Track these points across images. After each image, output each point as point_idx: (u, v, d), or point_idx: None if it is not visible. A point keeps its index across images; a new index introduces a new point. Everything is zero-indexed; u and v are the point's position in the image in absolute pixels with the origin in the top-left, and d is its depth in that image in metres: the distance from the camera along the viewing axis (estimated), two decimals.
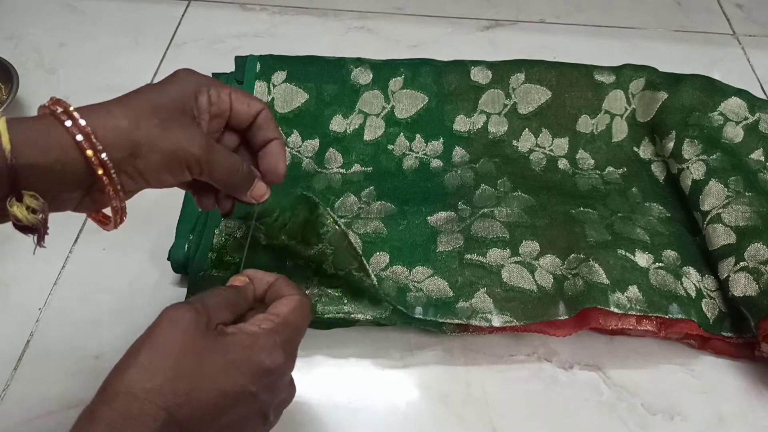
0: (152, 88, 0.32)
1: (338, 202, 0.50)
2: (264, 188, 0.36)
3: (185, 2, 0.71)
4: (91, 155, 0.28)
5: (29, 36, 0.66)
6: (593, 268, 0.44)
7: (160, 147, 0.30)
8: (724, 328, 0.45)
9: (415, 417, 0.42)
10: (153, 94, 0.32)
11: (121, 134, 0.29)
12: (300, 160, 0.53)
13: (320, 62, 0.55)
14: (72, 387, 0.42)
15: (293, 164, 0.53)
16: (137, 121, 0.30)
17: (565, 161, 0.54)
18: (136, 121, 0.30)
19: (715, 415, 0.43)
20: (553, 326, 0.44)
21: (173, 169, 0.31)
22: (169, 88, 0.32)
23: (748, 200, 0.47)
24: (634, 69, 0.56)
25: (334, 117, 0.54)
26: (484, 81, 0.55)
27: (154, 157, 0.30)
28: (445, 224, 0.48)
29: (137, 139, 0.30)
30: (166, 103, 0.31)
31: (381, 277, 0.45)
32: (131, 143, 0.29)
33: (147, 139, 0.30)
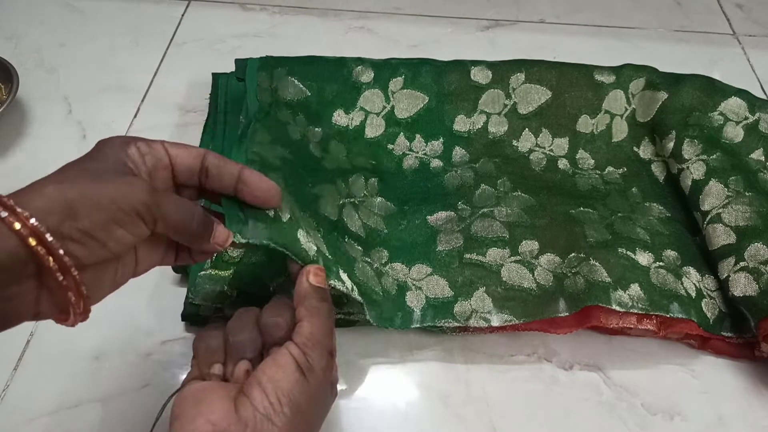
0: (78, 159, 0.29)
1: (351, 178, 0.50)
2: (226, 233, 0.32)
3: (185, 2, 0.71)
4: (19, 228, 0.25)
5: (29, 36, 0.66)
6: (594, 267, 0.44)
7: (98, 201, 0.27)
8: (724, 328, 0.45)
9: (415, 417, 0.42)
10: (80, 163, 0.29)
11: (50, 198, 0.26)
12: (306, 142, 0.51)
13: (321, 62, 0.55)
14: (72, 387, 0.42)
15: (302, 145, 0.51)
16: (66, 182, 0.27)
17: (565, 161, 0.54)
18: (65, 183, 0.27)
19: (715, 415, 0.43)
20: (553, 324, 0.44)
21: (123, 221, 0.28)
22: (96, 154, 0.30)
23: (748, 200, 0.47)
24: (634, 69, 0.56)
25: (337, 111, 0.54)
26: (484, 81, 0.55)
27: (95, 213, 0.27)
28: (444, 224, 0.48)
29: (69, 197, 0.26)
30: (96, 165, 0.29)
31: (381, 272, 0.45)
32: (64, 203, 0.26)
33: (81, 195, 0.26)
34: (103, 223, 0.27)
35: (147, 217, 0.28)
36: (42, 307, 0.27)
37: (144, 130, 0.58)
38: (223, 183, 0.33)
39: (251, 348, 0.34)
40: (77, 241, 0.26)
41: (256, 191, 0.33)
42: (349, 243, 0.45)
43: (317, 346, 0.32)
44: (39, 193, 0.26)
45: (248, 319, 0.35)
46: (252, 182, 0.33)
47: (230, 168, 0.33)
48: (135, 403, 0.41)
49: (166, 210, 0.29)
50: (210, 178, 0.33)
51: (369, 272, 0.44)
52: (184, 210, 0.30)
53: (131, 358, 0.44)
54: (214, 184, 0.33)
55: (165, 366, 0.43)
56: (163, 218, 0.29)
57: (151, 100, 0.60)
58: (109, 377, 0.43)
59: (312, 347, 0.32)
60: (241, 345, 0.34)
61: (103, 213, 0.27)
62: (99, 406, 0.41)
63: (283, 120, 0.51)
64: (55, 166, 0.32)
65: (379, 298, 0.43)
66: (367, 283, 0.43)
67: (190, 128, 0.57)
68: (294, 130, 0.51)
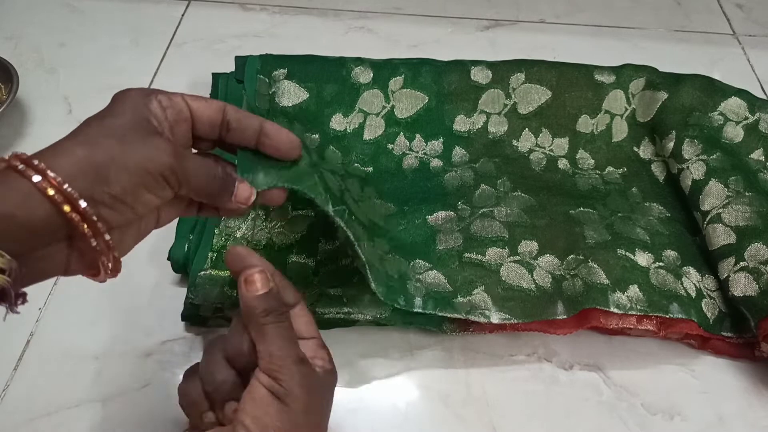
0: (99, 114, 0.29)
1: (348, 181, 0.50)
2: (248, 190, 0.32)
3: (185, 2, 0.71)
4: (53, 193, 0.25)
5: (29, 36, 0.66)
6: (592, 269, 0.44)
7: (126, 165, 0.27)
8: (724, 328, 0.45)
9: (415, 417, 0.42)
10: (103, 119, 0.29)
11: (79, 163, 0.26)
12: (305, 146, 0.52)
13: (320, 61, 0.55)
14: (72, 387, 0.42)
15: None
16: (93, 145, 0.27)
17: (565, 161, 0.54)
18: (92, 146, 0.27)
19: (715, 415, 0.43)
20: (553, 325, 0.44)
21: (150, 185, 0.28)
22: (117, 109, 0.29)
23: (748, 200, 0.47)
24: (634, 69, 0.56)
25: (334, 116, 0.54)
26: (484, 81, 0.55)
27: (124, 176, 0.27)
28: (444, 224, 0.48)
29: (98, 162, 0.26)
30: (120, 123, 0.28)
31: (384, 258, 0.44)
32: (93, 168, 0.26)
33: (109, 160, 0.27)
34: (133, 187, 0.27)
35: (172, 180, 0.29)
36: (72, 265, 0.28)
37: None
38: (245, 136, 0.33)
39: (229, 388, 0.33)
40: (108, 205, 0.27)
41: (278, 143, 0.33)
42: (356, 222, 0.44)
43: (283, 364, 0.31)
44: (69, 156, 0.26)
45: (216, 358, 0.33)
46: (274, 134, 0.33)
47: (252, 121, 0.33)
48: (135, 403, 0.41)
49: (189, 171, 0.30)
50: (231, 132, 0.32)
51: (374, 252, 0.43)
52: (206, 172, 0.31)
53: (131, 358, 0.44)
54: (235, 137, 0.33)
55: (165, 366, 0.43)
56: (187, 180, 0.30)
57: None
58: (109, 377, 0.43)
59: (278, 369, 0.31)
60: (219, 390, 0.33)
61: (133, 178, 0.27)
62: (99, 406, 0.41)
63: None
64: None
65: (384, 276, 0.42)
66: (372, 260, 0.41)
67: None
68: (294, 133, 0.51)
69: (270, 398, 0.30)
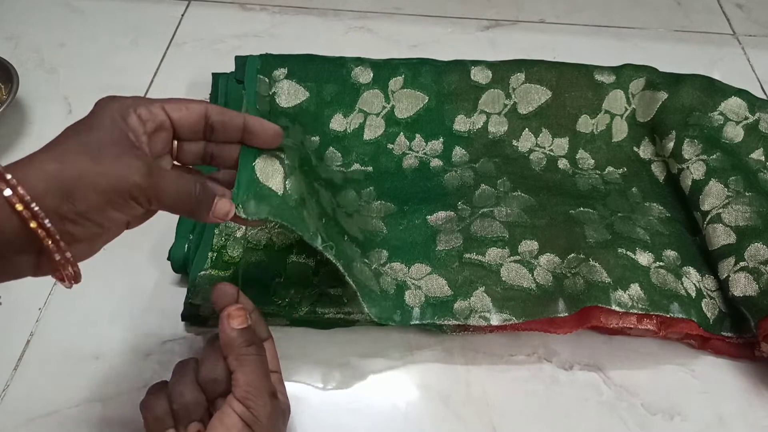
0: (76, 125, 0.30)
1: (340, 194, 0.50)
2: (227, 205, 0.33)
3: (185, 2, 0.71)
4: (21, 209, 0.26)
5: (29, 36, 0.66)
6: (593, 268, 0.44)
7: (95, 183, 0.27)
8: (724, 328, 0.45)
9: (415, 417, 0.42)
10: (79, 132, 0.29)
11: (48, 180, 0.27)
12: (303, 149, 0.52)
13: (320, 61, 0.55)
14: (72, 387, 0.42)
15: None
16: (64, 162, 0.27)
17: (565, 161, 0.54)
18: (65, 164, 0.27)
19: (715, 415, 0.43)
20: (554, 324, 0.44)
21: (117, 205, 0.28)
22: (94, 121, 0.30)
23: (748, 200, 0.47)
24: (634, 69, 0.56)
25: (335, 116, 0.54)
26: (484, 81, 0.55)
27: (91, 195, 0.27)
28: (444, 224, 0.48)
29: (66, 179, 0.27)
30: (96, 137, 0.29)
31: (380, 272, 0.45)
32: (61, 186, 0.27)
33: (78, 177, 0.27)
34: (99, 205, 0.28)
35: (142, 199, 0.29)
36: (41, 269, 0.29)
37: None
38: (229, 135, 0.34)
39: (196, 410, 0.33)
40: (73, 221, 0.27)
41: (263, 137, 0.35)
42: (347, 242, 0.45)
43: (258, 394, 0.32)
44: (40, 172, 0.27)
45: (187, 379, 0.34)
46: (258, 129, 0.34)
47: (235, 120, 0.34)
48: (135, 403, 0.41)
49: (162, 192, 0.30)
50: (215, 132, 0.33)
51: (367, 272, 0.44)
52: (181, 189, 0.31)
53: (131, 358, 0.44)
54: (220, 137, 0.34)
55: (165, 366, 0.43)
56: (159, 199, 0.30)
57: None
58: (109, 377, 0.43)
59: (253, 398, 0.32)
60: (186, 409, 0.33)
61: (100, 197, 0.28)
62: (99, 406, 0.41)
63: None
64: None
65: (378, 297, 0.43)
66: (364, 282, 0.43)
67: None
68: (293, 135, 0.51)
69: (241, 425, 0.31)
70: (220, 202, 0.32)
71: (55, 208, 0.27)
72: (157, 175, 0.30)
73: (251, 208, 0.34)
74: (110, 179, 0.28)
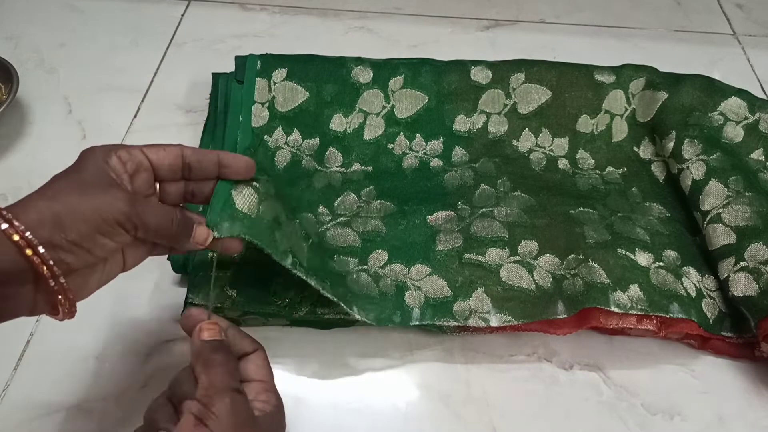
0: (63, 172, 0.32)
1: (338, 200, 0.50)
2: (205, 232, 0.35)
3: (185, 2, 0.71)
4: (18, 239, 0.28)
5: (29, 36, 0.66)
6: (593, 269, 0.44)
7: (83, 213, 0.30)
8: (724, 328, 0.45)
9: (415, 417, 0.42)
10: (68, 176, 0.32)
11: (41, 213, 0.29)
12: (300, 158, 0.53)
13: (320, 61, 0.56)
14: (72, 387, 0.42)
15: (293, 162, 0.53)
16: (55, 199, 0.30)
17: (565, 161, 0.54)
18: (54, 200, 0.30)
19: (715, 415, 0.43)
20: (553, 325, 0.44)
21: (105, 231, 0.31)
22: (79, 166, 0.32)
23: (748, 200, 0.47)
24: (634, 69, 0.56)
25: (335, 116, 0.54)
26: (484, 81, 0.55)
27: (81, 225, 0.30)
28: (444, 224, 0.48)
29: (57, 211, 0.30)
30: (82, 177, 0.32)
31: (379, 275, 0.45)
32: (53, 217, 0.29)
33: (67, 209, 0.30)
34: (89, 233, 0.30)
35: (128, 225, 0.32)
36: (38, 305, 0.31)
37: (144, 130, 0.58)
38: (206, 173, 0.37)
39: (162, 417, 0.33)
40: (66, 249, 0.30)
41: (237, 170, 0.37)
42: (339, 260, 0.45)
43: (217, 392, 0.32)
44: (32, 207, 0.29)
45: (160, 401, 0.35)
46: (230, 162, 0.37)
47: (209, 158, 0.36)
48: (135, 403, 0.41)
49: (146, 218, 0.32)
50: (193, 171, 0.36)
51: (365, 279, 0.44)
52: (162, 216, 0.34)
53: (131, 358, 0.44)
54: (198, 175, 0.36)
55: (165, 366, 0.43)
56: (144, 226, 0.32)
57: (151, 100, 0.60)
58: (109, 377, 0.43)
59: (212, 396, 0.31)
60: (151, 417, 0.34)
61: (87, 225, 0.30)
62: (99, 406, 0.41)
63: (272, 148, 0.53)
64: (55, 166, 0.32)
65: (377, 299, 0.43)
66: (362, 291, 0.43)
67: (190, 128, 0.57)
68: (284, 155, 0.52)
69: (193, 422, 0.31)
70: (199, 229, 0.35)
71: (48, 238, 0.29)
72: (140, 204, 0.32)
73: (224, 228, 0.36)
74: (97, 208, 0.30)
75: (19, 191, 0.52)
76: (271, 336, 0.45)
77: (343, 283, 0.44)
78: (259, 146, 0.53)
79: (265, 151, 0.53)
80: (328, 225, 0.48)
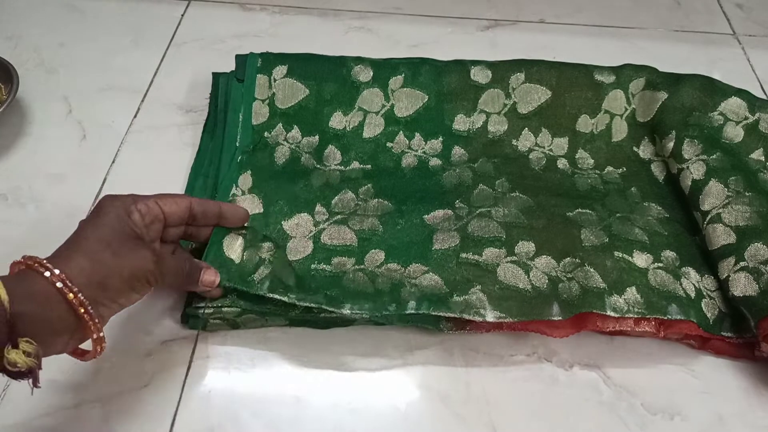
0: (91, 225, 0.36)
1: (335, 198, 0.50)
2: (213, 274, 0.41)
3: (185, 2, 0.71)
4: (72, 298, 0.33)
5: (29, 36, 0.66)
6: (589, 273, 0.44)
7: (120, 275, 0.35)
8: (724, 328, 0.45)
9: (415, 417, 0.42)
10: (96, 231, 0.36)
11: (87, 275, 0.34)
12: (299, 155, 0.53)
13: (321, 59, 0.56)
14: (72, 387, 0.42)
15: (292, 159, 0.53)
16: (95, 259, 0.35)
17: (565, 161, 0.54)
18: (95, 260, 0.34)
19: (715, 415, 0.43)
20: (551, 327, 0.44)
21: (136, 287, 0.37)
22: (105, 220, 0.36)
23: (748, 200, 0.47)
24: (634, 69, 0.56)
25: (334, 114, 0.54)
26: (483, 80, 0.55)
27: (119, 284, 0.35)
28: (441, 222, 0.48)
29: (102, 274, 0.34)
30: (111, 234, 0.36)
31: (375, 274, 0.45)
32: (99, 279, 0.34)
33: (109, 272, 0.35)
34: (124, 290, 0.36)
35: (152, 280, 0.37)
36: (69, 348, 0.35)
37: (144, 130, 0.58)
38: (208, 221, 0.43)
39: None
40: (105, 305, 0.35)
41: (233, 220, 0.44)
42: (336, 262, 0.46)
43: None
44: (78, 268, 0.34)
45: None
46: (230, 214, 0.44)
47: (212, 209, 0.43)
48: (135, 403, 0.41)
49: (165, 272, 0.38)
50: (196, 219, 0.42)
51: (360, 278, 0.44)
52: (178, 268, 0.39)
53: (131, 358, 0.44)
54: (200, 223, 0.43)
55: (165, 366, 0.43)
56: (162, 279, 0.38)
57: (151, 100, 0.60)
58: (109, 377, 0.43)
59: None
60: None
61: (125, 284, 0.36)
62: (99, 406, 0.41)
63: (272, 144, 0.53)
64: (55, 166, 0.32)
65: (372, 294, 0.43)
66: (357, 289, 0.44)
67: (190, 128, 0.57)
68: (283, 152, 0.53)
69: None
70: (207, 272, 0.41)
71: (93, 297, 0.34)
72: (162, 260, 0.38)
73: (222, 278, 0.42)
74: (132, 269, 0.36)
75: (19, 191, 0.52)
76: (271, 336, 0.45)
77: (338, 283, 0.44)
78: (258, 144, 0.53)
79: (264, 148, 0.53)
80: (324, 224, 0.48)
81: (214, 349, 0.44)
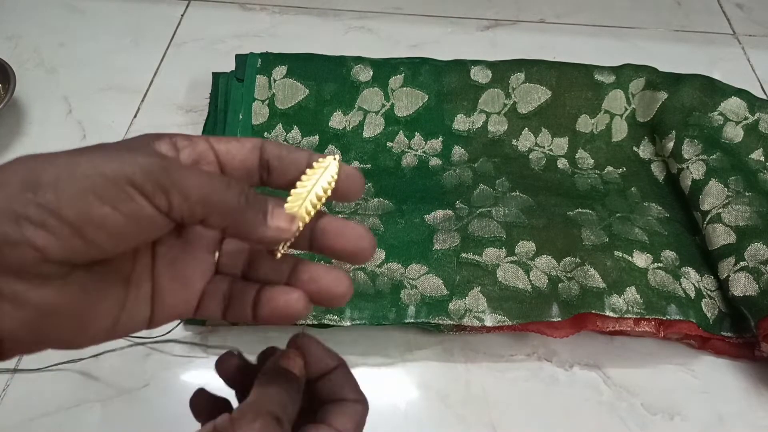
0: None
1: None
2: (287, 219, 0.23)
3: (185, 2, 0.71)
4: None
5: (29, 36, 0.66)
6: (588, 273, 0.44)
7: (74, 169, 0.19)
8: (724, 328, 0.44)
9: (415, 417, 0.42)
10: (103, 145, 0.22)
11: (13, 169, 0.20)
12: None
13: (320, 59, 0.56)
14: (72, 387, 0.42)
15: None
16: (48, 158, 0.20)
17: (565, 161, 0.54)
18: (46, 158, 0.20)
19: (715, 415, 0.43)
20: (550, 327, 0.44)
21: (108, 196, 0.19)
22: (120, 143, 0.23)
23: (748, 200, 0.47)
24: (634, 69, 0.56)
25: (334, 114, 0.54)
26: (484, 80, 0.55)
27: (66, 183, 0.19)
28: (442, 222, 0.48)
29: (32, 166, 0.19)
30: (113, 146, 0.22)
31: (375, 273, 0.45)
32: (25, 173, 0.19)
33: (51, 164, 0.19)
34: (76, 195, 0.19)
35: (148, 187, 0.20)
36: None
37: (144, 130, 0.57)
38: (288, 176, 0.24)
39: None
40: (36, 223, 0.18)
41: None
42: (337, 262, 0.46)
43: (252, 412, 0.23)
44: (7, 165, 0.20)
45: None
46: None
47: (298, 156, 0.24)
48: (135, 403, 0.41)
49: (183, 178, 0.20)
50: (273, 173, 0.24)
51: (361, 278, 0.44)
52: (215, 180, 0.21)
53: (131, 358, 0.44)
54: (279, 180, 0.24)
55: (165, 366, 0.43)
56: (181, 189, 0.20)
57: (151, 100, 0.60)
58: (109, 377, 0.43)
59: (245, 414, 0.23)
60: None
61: (77, 182, 0.19)
62: (99, 406, 0.41)
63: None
64: None
65: (372, 296, 0.43)
66: (358, 289, 0.44)
67: (190, 128, 0.57)
68: None
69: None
70: (277, 210, 0.23)
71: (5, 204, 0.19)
72: (176, 164, 0.21)
73: None
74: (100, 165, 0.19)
75: None
76: (271, 336, 0.45)
77: None
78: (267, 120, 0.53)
79: None
80: None
81: (214, 349, 0.44)
